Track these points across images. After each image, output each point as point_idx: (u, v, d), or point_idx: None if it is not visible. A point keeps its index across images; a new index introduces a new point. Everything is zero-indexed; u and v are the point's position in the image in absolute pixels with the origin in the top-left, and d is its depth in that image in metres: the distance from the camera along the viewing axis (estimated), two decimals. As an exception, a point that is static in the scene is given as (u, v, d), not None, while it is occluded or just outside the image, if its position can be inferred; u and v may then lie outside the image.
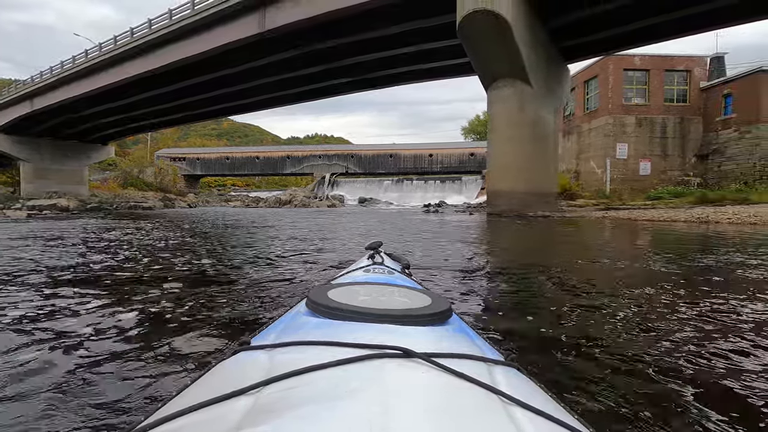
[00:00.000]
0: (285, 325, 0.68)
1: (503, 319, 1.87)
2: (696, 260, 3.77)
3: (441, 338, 0.58)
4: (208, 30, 16.02)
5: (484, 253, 4.62)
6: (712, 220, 9.41)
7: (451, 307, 0.70)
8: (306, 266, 3.38)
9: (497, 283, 2.82)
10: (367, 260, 1.29)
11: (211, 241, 5.80)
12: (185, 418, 0.39)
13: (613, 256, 4.38)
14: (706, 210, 11.44)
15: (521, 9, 11.43)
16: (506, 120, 12.95)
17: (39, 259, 3.78)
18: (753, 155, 18.94)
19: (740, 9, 13.13)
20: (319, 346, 0.51)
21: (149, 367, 1.30)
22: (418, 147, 43.67)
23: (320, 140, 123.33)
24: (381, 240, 1.46)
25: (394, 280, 0.97)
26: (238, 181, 63.76)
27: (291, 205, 30.05)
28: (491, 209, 13.75)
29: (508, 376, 0.49)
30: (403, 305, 0.67)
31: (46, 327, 1.72)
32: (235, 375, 0.49)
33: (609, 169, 21.22)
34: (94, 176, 37.00)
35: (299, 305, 0.77)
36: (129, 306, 2.05)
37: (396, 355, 0.47)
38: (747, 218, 8.96)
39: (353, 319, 0.61)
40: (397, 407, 0.35)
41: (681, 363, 1.34)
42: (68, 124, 27.63)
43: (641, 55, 20.44)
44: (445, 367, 0.45)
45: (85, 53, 20.77)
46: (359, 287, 0.81)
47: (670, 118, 21.17)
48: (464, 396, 0.41)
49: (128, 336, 1.61)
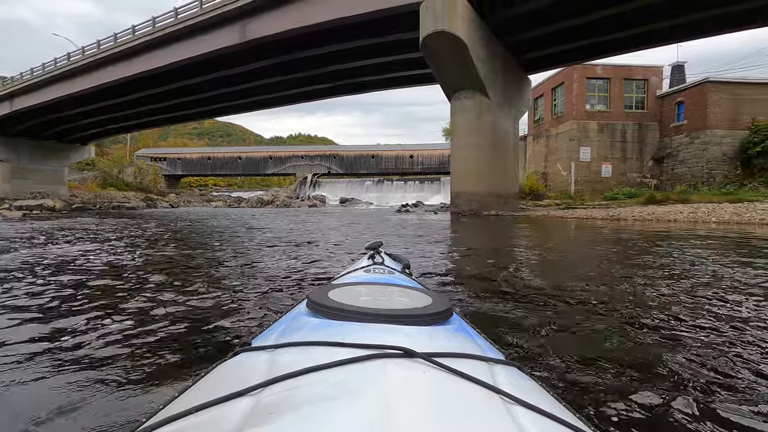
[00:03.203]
0: (286, 326, 0.67)
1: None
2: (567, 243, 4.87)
3: (442, 338, 0.58)
4: (191, 38, 16.72)
5: (418, 242, 5.65)
6: (622, 217, 11.22)
7: (451, 306, 0.70)
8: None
9: (420, 259, 3.81)
10: (368, 260, 1.31)
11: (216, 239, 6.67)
12: (187, 420, 0.39)
13: (518, 240, 5.49)
14: (635, 209, 12.91)
15: (478, 29, 12.52)
16: (467, 127, 14.05)
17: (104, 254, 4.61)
18: (701, 159, 20.51)
19: (680, 30, 14.55)
20: (320, 347, 0.52)
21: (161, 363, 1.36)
22: (399, 148, 44.66)
23: (304, 140, 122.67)
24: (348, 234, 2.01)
25: (395, 280, 0.98)
26: (220, 180, 63.62)
27: (273, 206, 30.65)
28: (454, 209, 14.83)
29: (509, 376, 0.50)
30: (404, 305, 0.67)
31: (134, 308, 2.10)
32: (236, 376, 0.49)
33: (573, 171, 22.40)
34: (72, 176, 36.56)
35: (300, 306, 0.77)
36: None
37: (397, 355, 0.47)
38: (646, 216, 10.90)
39: (354, 319, 0.61)
40: (398, 407, 0.35)
41: (517, 283, 2.35)
42: (48, 124, 27.61)
43: (603, 65, 21.63)
44: (447, 366, 0.45)
45: (67, 56, 21.08)
46: (360, 287, 0.82)
47: (630, 123, 22.45)
48: (466, 396, 0.41)
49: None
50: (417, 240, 5.76)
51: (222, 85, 20.88)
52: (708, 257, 3.86)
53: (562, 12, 12.73)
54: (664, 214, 10.61)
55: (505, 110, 14.98)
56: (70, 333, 1.68)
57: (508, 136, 15.29)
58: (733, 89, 20.24)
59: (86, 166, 41.49)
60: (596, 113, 22.30)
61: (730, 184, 19.11)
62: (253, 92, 22.24)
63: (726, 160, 20.18)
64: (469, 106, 13.78)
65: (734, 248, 4.66)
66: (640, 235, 6.51)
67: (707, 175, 20.37)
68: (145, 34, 17.89)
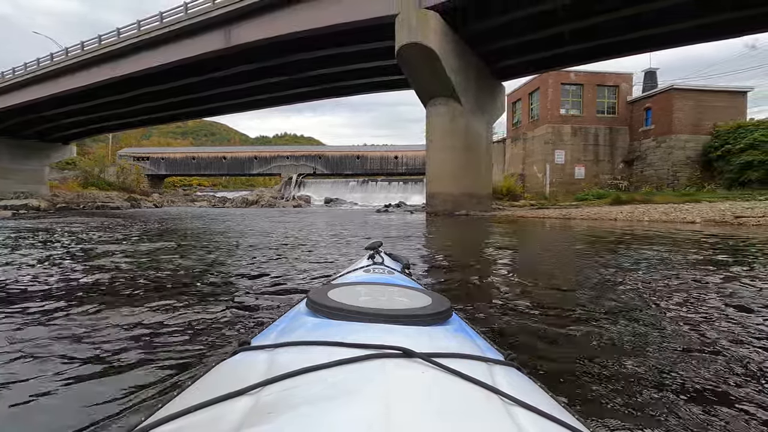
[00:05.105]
0: (285, 325, 0.68)
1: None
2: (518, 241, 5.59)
3: (441, 338, 0.59)
4: (177, 41, 17.07)
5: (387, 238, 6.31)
6: (576, 216, 12.14)
7: (451, 306, 0.71)
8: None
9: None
10: (367, 260, 1.31)
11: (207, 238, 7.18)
12: (185, 419, 0.39)
13: (470, 236, 6.20)
14: (601, 209, 13.89)
15: (451, 41, 13.25)
16: (441, 131, 14.78)
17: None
18: (667, 162, 21.61)
19: (642, 42, 15.53)
20: (319, 346, 0.52)
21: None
22: (384, 149, 45.37)
23: (290, 140, 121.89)
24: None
25: (394, 280, 0.98)
26: (204, 180, 63.31)
27: (258, 206, 30.96)
28: (429, 209, 15.59)
29: (508, 376, 0.50)
30: (404, 305, 0.68)
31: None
32: (235, 375, 0.49)
33: (549, 173, 23.18)
34: (53, 175, 35.95)
35: (299, 305, 0.78)
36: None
37: (396, 355, 0.47)
38: (593, 215, 11.98)
39: (353, 319, 0.61)
40: (397, 407, 0.36)
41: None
42: (29, 123, 27.41)
43: (576, 72, 22.47)
44: (446, 367, 0.46)
45: (50, 56, 21.12)
46: (359, 287, 0.82)
47: (602, 128, 23.39)
48: (464, 396, 0.42)
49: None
50: (384, 235, 6.41)
51: (207, 88, 21.21)
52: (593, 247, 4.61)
53: (532, 25, 13.54)
54: (607, 213, 11.62)
55: (478, 115, 15.78)
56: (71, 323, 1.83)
57: (481, 140, 16.09)
58: (697, 96, 21.43)
59: (67, 165, 40.85)
60: (570, 117, 23.20)
61: (691, 185, 20.30)
62: (239, 95, 22.59)
63: (689, 163, 21.36)
64: (444, 112, 14.50)
65: (622, 240, 5.44)
66: (564, 227, 7.28)
67: (672, 178, 21.50)
68: (130, 36, 18.14)
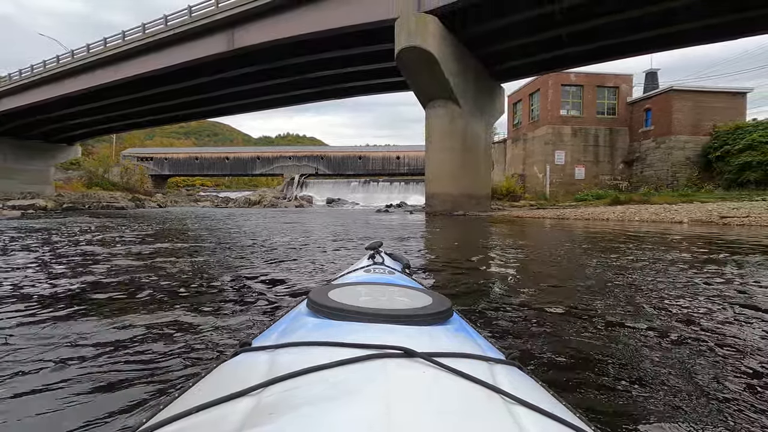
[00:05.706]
0: (286, 326, 0.68)
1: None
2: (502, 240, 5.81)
3: (442, 338, 0.59)
4: (181, 44, 17.37)
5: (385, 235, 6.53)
6: (569, 216, 12.36)
7: (452, 306, 0.71)
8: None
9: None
10: (368, 260, 1.32)
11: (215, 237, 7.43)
12: (187, 420, 0.39)
13: (465, 234, 6.42)
14: (596, 209, 14.05)
15: (450, 44, 13.46)
16: (440, 133, 15.00)
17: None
18: (666, 162, 21.75)
19: (643, 43, 15.72)
20: (320, 347, 0.52)
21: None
22: (386, 149, 45.53)
23: (293, 140, 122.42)
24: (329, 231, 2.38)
25: (395, 280, 0.99)
26: (207, 181, 63.69)
27: (260, 206, 31.20)
28: (429, 209, 15.82)
29: (509, 375, 0.50)
30: (404, 305, 0.68)
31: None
32: (237, 376, 0.49)
33: (549, 173, 23.30)
34: (57, 176, 36.34)
35: (300, 306, 0.77)
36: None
37: (397, 355, 0.47)
38: (585, 216, 12.15)
39: (354, 319, 0.61)
40: (399, 407, 0.36)
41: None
42: (34, 124, 27.84)
43: (576, 73, 22.58)
44: (447, 366, 0.46)
45: (56, 58, 21.49)
46: (360, 287, 0.82)
47: (602, 128, 23.51)
48: (466, 395, 0.42)
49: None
50: (384, 234, 6.63)
51: (217, 88, 21.49)
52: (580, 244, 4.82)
53: (531, 28, 13.74)
54: (600, 213, 11.79)
55: (477, 117, 15.99)
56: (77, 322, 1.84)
57: (479, 141, 16.30)
58: (696, 97, 21.55)
59: (71, 165, 41.28)
60: (570, 118, 23.32)
61: (690, 186, 20.43)
62: (245, 95, 22.87)
63: (689, 164, 21.51)
64: (443, 114, 14.73)
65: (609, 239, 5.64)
66: (559, 227, 7.49)
67: (672, 178, 21.64)
68: (135, 39, 18.46)
